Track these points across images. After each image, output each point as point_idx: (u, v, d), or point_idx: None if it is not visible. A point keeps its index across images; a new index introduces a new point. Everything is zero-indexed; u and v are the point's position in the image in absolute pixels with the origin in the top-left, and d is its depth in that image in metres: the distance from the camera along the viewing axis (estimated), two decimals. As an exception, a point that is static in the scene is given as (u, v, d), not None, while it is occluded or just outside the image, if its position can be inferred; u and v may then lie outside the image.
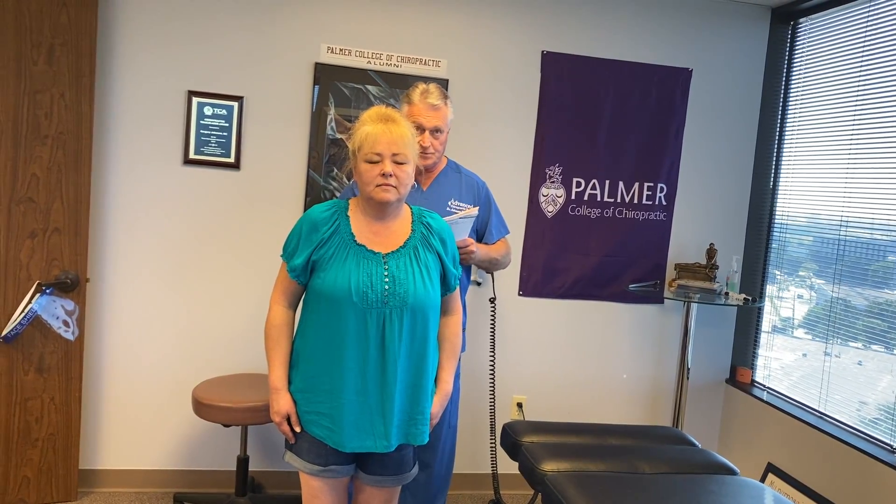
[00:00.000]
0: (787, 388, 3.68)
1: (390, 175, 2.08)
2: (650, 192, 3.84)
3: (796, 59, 3.83)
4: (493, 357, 3.49)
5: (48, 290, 3.16)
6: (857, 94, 3.36)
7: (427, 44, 3.57)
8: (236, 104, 3.42)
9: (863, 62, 3.35)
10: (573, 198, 3.77)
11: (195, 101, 3.38)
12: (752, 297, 3.76)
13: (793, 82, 3.84)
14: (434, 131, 2.63)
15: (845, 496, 3.13)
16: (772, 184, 3.91)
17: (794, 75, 3.83)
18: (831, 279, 3.43)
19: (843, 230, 3.37)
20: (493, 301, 3.36)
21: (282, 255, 2.20)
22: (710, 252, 3.73)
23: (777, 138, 3.90)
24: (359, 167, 2.12)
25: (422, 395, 2.18)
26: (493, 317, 3.46)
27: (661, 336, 3.94)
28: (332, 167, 3.52)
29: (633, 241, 3.85)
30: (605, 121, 3.76)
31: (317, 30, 3.48)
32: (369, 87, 3.52)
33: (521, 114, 3.70)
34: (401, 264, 2.13)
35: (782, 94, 3.88)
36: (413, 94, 2.64)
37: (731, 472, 2.77)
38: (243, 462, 3.24)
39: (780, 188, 3.87)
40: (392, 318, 2.09)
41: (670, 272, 3.90)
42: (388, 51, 3.53)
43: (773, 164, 3.91)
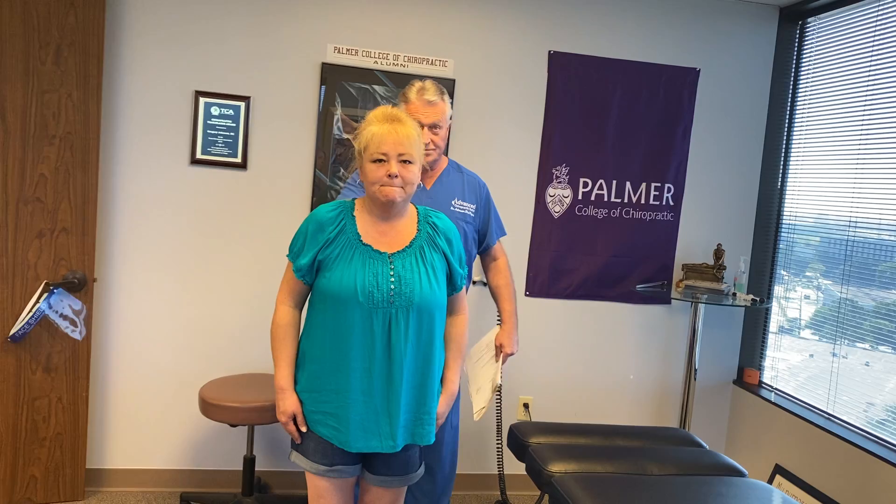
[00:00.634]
0: (795, 389, 3.66)
1: (396, 175, 2.08)
2: (657, 193, 3.83)
3: (804, 58, 3.81)
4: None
5: (56, 290, 3.17)
6: (866, 94, 3.35)
7: (434, 44, 3.57)
8: (243, 104, 3.43)
9: (871, 62, 3.33)
10: (580, 198, 3.77)
11: (202, 101, 3.39)
12: (759, 298, 3.75)
13: (801, 82, 3.82)
14: (433, 127, 2.61)
15: (853, 498, 3.11)
16: (780, 184, 3.90)
17: (802, 75, 3.82)
18: (839, 280, 3.42)
19: (851, 231, 3.35)
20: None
21: (288, 255, 2.20)
22: (718, 252, 3.72)
23: (785, 138, 3.88)
24: (365, 167, 2.12)
25: (428, 395, 2.18)
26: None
27: (668, 337, 3.93)
28: (338, 167, 3.52)
29: (641, 241, 3.84)
30: (613, 121, 3.75)
31: (323, 30, 3.48)
32: (376, 87, 3.52)
33: (528, 114, 3.69)
34: (407, 264, 2.13)
35: (790, 94, 3.87)
36: (409, 93, 2.62)
37: (740, 473, 2.75)
38: (250, 462, 3.24)
39: (787, 188, 3.86)
40: (398, 318, 2.09)
41: (677, 273, 3.89)
42: (394, 51, 3.53)
43: (781, 165, 3.89)
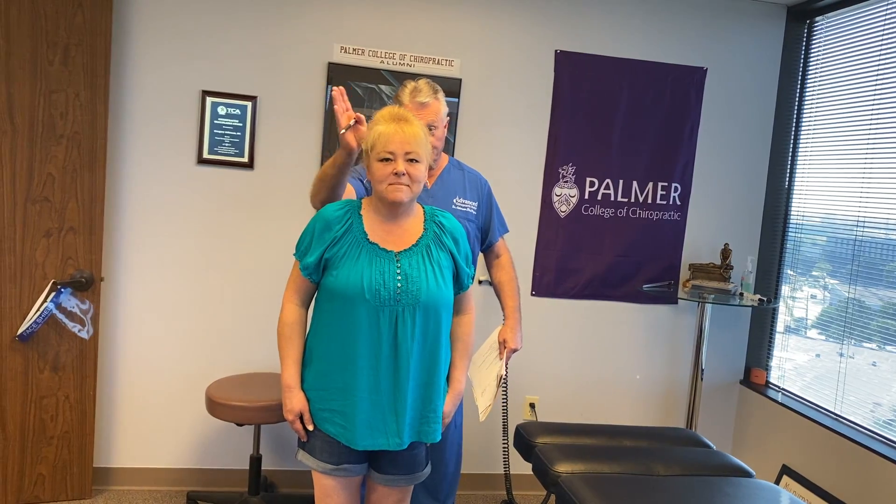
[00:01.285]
0: (802, 389, 3.65)
1: (403, 174, 2.08)
2: (664, 192, 3.82)
3: (812, 57, 3.80)
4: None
5: (63, 289, 3.18)
6: (874, 92, 3.34)
7: (440, 43, 3.57)
8: (250, 104, 3.43)
9: (879, 61, 3.32)
10: (586, 197, 3.76)
11: (209, 100, 3.39)
12: (766, 298, 3.74)
13: (808, 81, 3.81)
14: (428, 128, 2.59)
15: (861, 499, 3.10)
16: (787, 183, 3.88)
17: (809, 74, 3.81)
18: (846, 279, 3.41)
19: (859, 230, 3.34)
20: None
21: (294, 254, 2.20)
22: (725, 252, 3.71)
23: (792, 138, 3.87)
24: (372, 166, 2.12)
25: (434, 393, 2.18)
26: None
27: (674, 337, 3.92)
28: (344, 167, 3.52)
29: (647, 241, 3.83)
30: (619, 120, 3.74)
31: (330, 30, 3.48)
32: (382, 86, 3.52)
33: (535, 113, 3.69)
34: (413, 262, 2.13)
35: (798, 93, 3.86)
36: (402, 95, 2.58)
37: (747, 474, 2.75)
38: (256, 461, 3.25)
39: (795, 188, 3.84)
40: (405, 316, 2.09)
41: (684, 272, 3.88)
42: (401, 50, 3.53)
43: (789, 164, 3.88)
